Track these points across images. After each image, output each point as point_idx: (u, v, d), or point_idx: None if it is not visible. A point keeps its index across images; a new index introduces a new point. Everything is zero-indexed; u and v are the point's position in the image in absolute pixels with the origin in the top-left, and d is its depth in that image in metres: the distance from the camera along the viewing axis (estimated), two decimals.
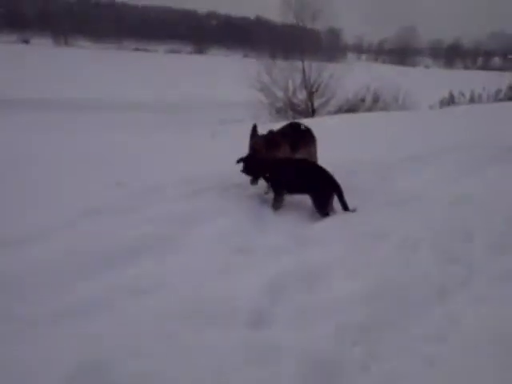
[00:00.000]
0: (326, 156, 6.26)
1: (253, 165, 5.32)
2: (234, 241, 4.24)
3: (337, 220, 4.82)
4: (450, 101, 22.15)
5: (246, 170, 5.33)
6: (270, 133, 5.69)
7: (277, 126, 6.44)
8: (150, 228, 4.25)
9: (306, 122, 7.18)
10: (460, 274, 3.74)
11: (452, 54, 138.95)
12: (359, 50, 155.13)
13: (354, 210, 5.05)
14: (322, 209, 5.01)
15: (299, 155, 5.94)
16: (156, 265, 3.75)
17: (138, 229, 4.21)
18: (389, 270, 3.76)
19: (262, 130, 5.78)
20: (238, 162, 5.31)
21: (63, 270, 3.56)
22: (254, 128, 5.72)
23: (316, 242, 4.28)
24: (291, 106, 21.14)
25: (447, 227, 4.61)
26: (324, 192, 5.09)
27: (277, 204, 5.17)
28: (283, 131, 6.02)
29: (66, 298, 3.24)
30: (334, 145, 7.88)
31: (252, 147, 5.53)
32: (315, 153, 6.24)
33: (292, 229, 4.63)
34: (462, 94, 21.91)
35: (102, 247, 3.88)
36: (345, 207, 5.07)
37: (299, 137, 6.06)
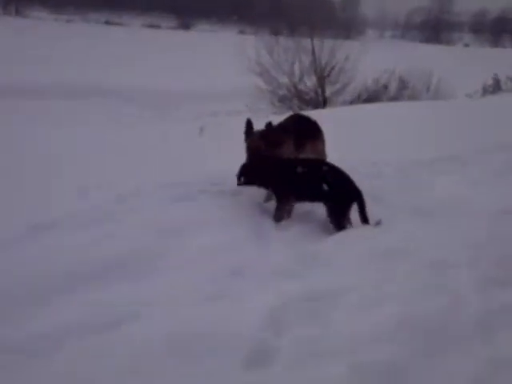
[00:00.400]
0: (339, 155, 6.32)
1: (252, 171, 5.32)
2: (227, 259, 4.27)
3: (351, 234, 4.86)
4: (496, 87, 22.04)
5: (245, 181, 5.31)
6: (269, 128, 5.67)
7: (279, 118, 6.48)
8: (124, 243, 4.30)
9: (313, 113, 7.24)
10: (507, 304, 3.75)
11: (498, 29, 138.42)
12: (382, 25, 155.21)
13: (378, 224, 5.05)
14: (339, 221, 5.04)
15: (304, 154, 5.98)
16: (131, 289, 3.78)
17: (110, 243, 4.27)
18: (415, 297, 3.78)
19: (261, 124, 5.78)
20: (241, 177, 5.31)
21: (8, 296, 3.59)
22: (249, 123, 5.73)
23: (326, 262, 4.31)
24: (297, 95, 20.98)
25: (491, 245, 4.65)
26: (342, 200, 5.12)
27: (280, 214, 5.21)
28: (284, 125, 6.07)
29: (9, 334, 3.25)
30: (350, 142, 7.99)
31: (248, 147, 5.56)
32: (323, 151, 6.31)
33: (297, 245, 4.67)
34: (511, 80, 21.74)
35: (61, 268, 3.92)
36: (364, 219, 5.10)
37: (304, 132, 6.11)
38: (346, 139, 8.33)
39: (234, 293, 3.80)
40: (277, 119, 6.26)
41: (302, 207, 5.36)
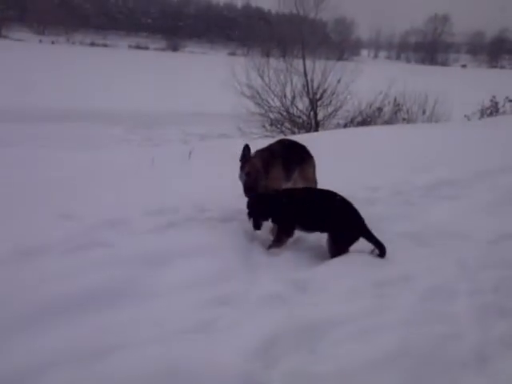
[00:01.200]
0: (333, 181, 6.33)
1: (260, 207, 5.27)
2: (215, 288, 4.26)
3: (346, 261, 4.86)
4: (494, 109, 22.24)
5: (257, 218, 5.26)
6: (259, 153, 5.70)
7: (270, 142, 6.50)
8: (109, 271, 4.28)
9: (305, 137, 7.27)
10: (506, 334, 3.77)
11: (495, 50, 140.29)
12: (376, 45, 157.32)
13: (372, 252, 5.02)
14: (339, 253, 4.98)
15: (293, 180, 5.98)
16: (116, 318, 3.76)
17: (94, 271, 4.24)
18: (413, 327, 3.79)
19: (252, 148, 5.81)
20: (252, 216, 5.28)
21: None
22: (246, 149, 5.62)
23: (319, 290, 4.32)
24: (289, 118, 21.05)
25: (489, 271, 4.68)
26: (349, 233, 5.07)
27: (278, 244, 5.16)
28: (272, 149, 5.99)
29: None
30: (344, 166, 8.01)
31: (248, 173, 5.50)
32: (313, 176, 6.29)
33: (289, 272, 4.66)
34: (510, 101, 21.91)
35: (46, 295, 3.88)
36: (380, 248, 4.99)
37: (292, 156, 6.06)
38: (340, 163, 8.37)
39: (222, 323, 3.77)
40: (267, 143, 6.28)
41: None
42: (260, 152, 5.76)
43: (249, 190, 5.42)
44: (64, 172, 7.73)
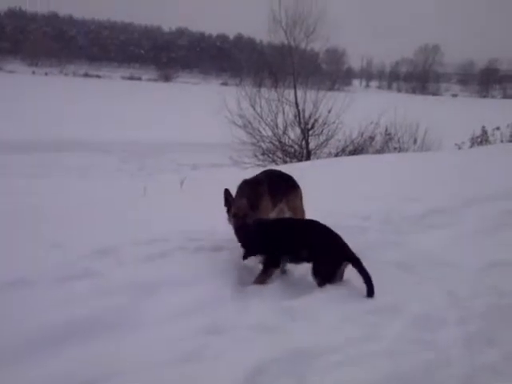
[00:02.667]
0: (324, 209, 6.39)
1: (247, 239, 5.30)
2: (204, 317, 4.27)
3: (335, 290, 4.87)
4: (483, 138, 22.45)
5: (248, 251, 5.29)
6: (244, 188, 5.70)
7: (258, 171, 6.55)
8: (99, 301, 4.29)
9: (296, 166, 7.32)
10: (493, 361, 3.78)
11: (486, 80, 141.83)
12: (368, 75, 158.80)
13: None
14: (324, 282, 4.95)
15: (279, 210, 6.00)
16: (104, 348, 3.76)
17: (84, 301, 4.25)
18: (403, 354, 3.80)
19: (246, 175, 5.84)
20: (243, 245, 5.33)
21: None
22: (227, 193, 5.56)
23: (308, 319, 4.32)
24: (281, 147, 21.13)
25: (477, 299, 4.72)
26: (330, 262, 5.03)
27: (264, 277, 5.11)
28: (257, 180, 5.98)
29: None
30: (335, 195, 8.06)
31: (235, 215, 5.43)
32: (300, 207, 6.29)
33: (277, 301, 4.66)
34: (498, 129, 22.14)
35: (35, 326, 3.88)
36: (368, 284, 4.86)
37: (278, 187, 6.05)
38: (331, 192, 8.44)
39: (210, 352, 3.77)
40: (255, 172, 6.33)
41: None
42: (245, 186, 5.75)
43: (240, 230, 5.43)
44: (55, 201, 7.76)
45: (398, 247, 6.21)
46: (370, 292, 4.79)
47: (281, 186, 6.10)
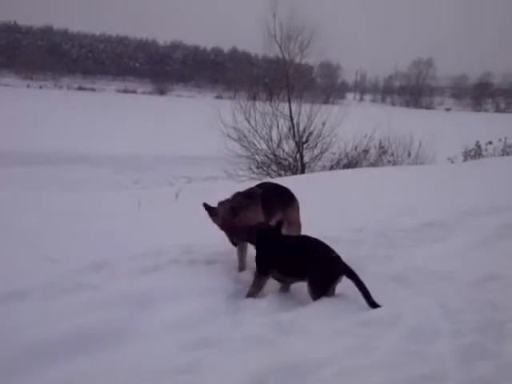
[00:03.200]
0: (317, 223, 6.40)
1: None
2: (199, 330, 4.27)
3: (330, 303, 4.87)
4: (477, 152, 22.59)
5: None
6: (237, 197, 5.67)
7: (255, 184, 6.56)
8: (93, 314, 4.29)
9: (291, 179, 7.34)
10: (489, 375, 3.78)
11: (479, 94, 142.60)
12: (362, 88, 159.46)
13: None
14: (318, 296, 4.93)
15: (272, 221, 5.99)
16: (96, 365, 3.74)
17: (78, 315, 4.24)
18: (396, 368, 3.79)
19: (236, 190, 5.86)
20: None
21: None
22: (206, 206, 5.52)
23: (302, 332, 4.32)
24: (276, 160, 21.16)
25: (471, 312, 4.72)
26: (324, 277, 5.00)
27: (254, 289, 5.10)
28: (251, 192, 5.95)
29: None
30: (329, 208, 8.09)
31: (222, 217, 5.43)
32: (298, 220, 6.27)
33: (272, 314, 4.66)
34: (490, 143, 22.29)
35: (29, 340, 3.87)
36: (366, 296, 4.89)
37: (274, 199, 6.02)
38: (326, 205, 8.46)
39: (205, 364, 3.77)
40: (251, 185, 6.34)
41: None
42: (235, 196, 5.73)
43: (230, 229, 5.44)
44: (50, 214, 7.75)
45: (392, 260, 6.23)
46: (371, 303, 4.82)
47: (277, 199, 6.05)
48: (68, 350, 3.85)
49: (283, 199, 6.17)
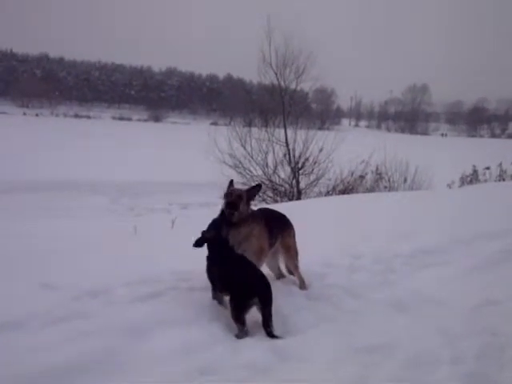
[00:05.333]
0: (315, 250, 6.41)
1: None
2: (197, 358, 4.24)
3: (327, 328, 4.87)
4: (473, 178, 22.65)
5: None
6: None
7: None
8: (89, 343, 4.26)
9: (286, 206, 7.35)
10: None
11: (474, 119, 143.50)
12: (357, 114, 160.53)
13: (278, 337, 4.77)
14: (235, 319, 4.83)
15: (274, 248, 6.01)
16: None
17: (74, 344, 4.21)
18: None
19: None
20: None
21: None
22: (230, 184, 6.00)
23: (300, 359, 4.30)
24: (272, 186, 21.18)
25: (471, 339, 4.71)
26: (240, 296, 4.89)
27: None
28: (256, 215, 5.96)
29: None
30: (326, 234, 8.08)
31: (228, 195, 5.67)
32: (294, 246, 6.29)
33: (269, 340, 4.65)
34: (488, 168, 22.38)
35: (15, 373, 3.80)
36: (265, 322, 4.79)
37: (274, 225, 6.04)
38: (323, 231, 8.45)
39: None
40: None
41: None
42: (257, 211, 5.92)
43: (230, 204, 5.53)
44: (45, 241, 7.74)
45: (390, 286, 6.22)
46: (268, 332, 4.76)
47: (276, 225, 6.09)
48: (65, 379, 3.81)
49: (282, 225, 6.23)
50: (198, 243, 5.38)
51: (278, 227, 6.12)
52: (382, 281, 6.41)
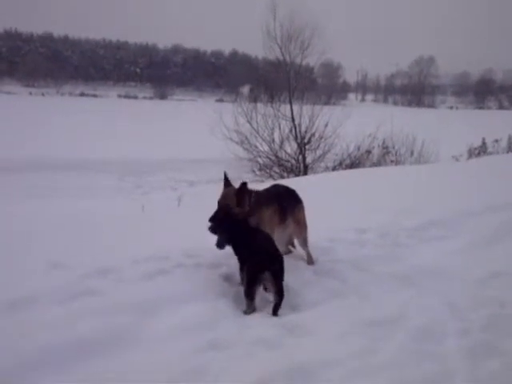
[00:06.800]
0: (320, 225, 6.40)
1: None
2: (205, 334, 4.27)
3: (335, 303, 4.91)
4: (482, 150, 22.49)
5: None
6: (253, 192, 5.76)
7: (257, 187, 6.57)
8: (99, 319, 4.30)
9: (294, 181, 7.34)
10: (496, 372, 3.77)
11: (481, 91, 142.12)
12: (363, 88, 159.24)
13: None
14: (246, 294, 4.86)
15: (286, 224, 6.03)
16: (101, 371, 3.73)
17: (85, 320, 4.26)
18: (404, 367, 3.80)
19: None
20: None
21: None
22: (224, 176, 5.94)
23: (309, 333, 4.33)
24: (278, 162, 21.11)
25: (477, 310, 4.72)
26: (252, 269, 4.91)
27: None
28: (268, 193, 6.08)
29: None
30: (333, 209, 8.08)
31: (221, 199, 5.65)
32: (304, 220, 6.33)
33: (279, 316, 4.69)
34: (496, 141, 22.20)
35: (37, 345, 3.87)
36: (277, 291, 4.84)
37: (286, 201, 6.12)
38: (329, 206, 8.44)
39: (212, 368, 3.77)
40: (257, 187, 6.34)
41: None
42: (263, 192, 5.94)
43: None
44: (54, 220, 7.76)
45: (397, 260, 6.24)
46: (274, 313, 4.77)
47: (289, 201, 6.17)
48: (76, 355, 3.86)
49: (291, 201, 6.28)
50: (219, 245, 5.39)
51: (289, 203, 6.17)
52: (388, 254, 6.42)
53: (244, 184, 5.62)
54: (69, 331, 4.10)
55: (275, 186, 6.53)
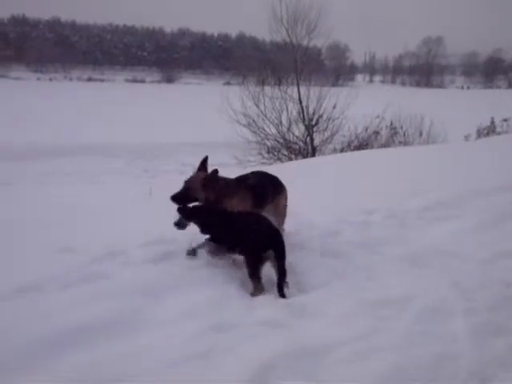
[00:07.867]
0: (329, 206, 6.40)
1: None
2: (212, 316, 4.29)
3: (342, 284, 4.92)
4: (491, 129, 22.36)
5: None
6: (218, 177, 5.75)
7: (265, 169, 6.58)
8: (106, 303, 4.32)
9: (302, 162, 7.33)
10: (503, 353, 3.77)
11: (490, 70, 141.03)
12: (371, 69, 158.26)
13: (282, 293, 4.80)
14: (250, 274, 4.87)
15: (264, 211, 5.94)
16: (110, 353, 3.76)
17: (91, 305, 4.28)
18: (410, 347, 3.81)
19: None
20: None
21: None
22: (204, 161, 5.99)
23: (315, 315, 4.34)
24: (286, 145, 21.07)
25: (484, 290, 4.72)
26: (254, 250, 4.93)
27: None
28: (241, 180, 6.06)
29: None
30: (340, 190, 8.07)
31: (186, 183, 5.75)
32: (283, 208, 6.28)
33: (285, 297, 4.69)
34: (506, 120, 22.05)
35: (40, 332, 3.88)
36: (280, 273, 4.82)
37: (265, 188, 6.07)
38: (337, 187, 8.45)
39: (219, 350, 3.79)
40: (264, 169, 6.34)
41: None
42: (233, 180, 5.92)
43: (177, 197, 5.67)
44: (63, 206, 7.80)
45: (403, 241, 6.22)
46: (281, 293, 4.77)
47: (268, 188, 6.11)
48: (84, 338, 3.88)
49: (274, 188, 6.22)
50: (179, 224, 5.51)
51: (268, 190, 6.08)
52: (395, 235, 6.41)
53: (214, 171, 5.61)
54: (76, 316, 4.11)
55: (254, 173, 6.43)
